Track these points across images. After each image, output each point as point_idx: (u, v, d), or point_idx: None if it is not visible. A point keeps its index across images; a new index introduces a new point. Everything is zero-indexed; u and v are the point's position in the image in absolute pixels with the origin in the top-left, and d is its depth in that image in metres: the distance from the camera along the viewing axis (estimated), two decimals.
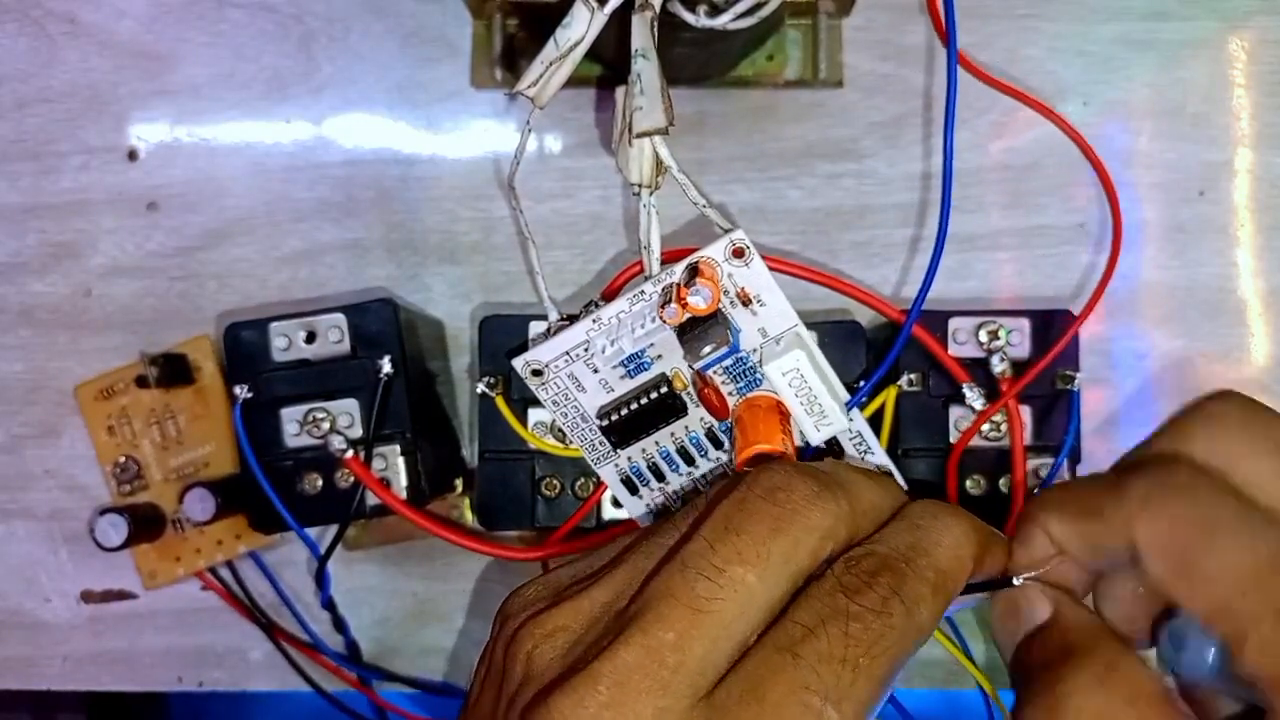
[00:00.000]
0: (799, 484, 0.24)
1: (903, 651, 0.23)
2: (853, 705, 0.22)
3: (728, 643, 0.22)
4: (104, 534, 0.36)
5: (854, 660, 0.22)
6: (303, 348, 0.35)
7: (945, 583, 0.24)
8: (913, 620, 0.23)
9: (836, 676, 0.22)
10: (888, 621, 0.23)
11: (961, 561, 0.25)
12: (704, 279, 0.28)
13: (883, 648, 0.22)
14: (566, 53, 0.28)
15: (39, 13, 0.41)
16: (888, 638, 0.23)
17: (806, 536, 0.23)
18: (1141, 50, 0.40)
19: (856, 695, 0.22)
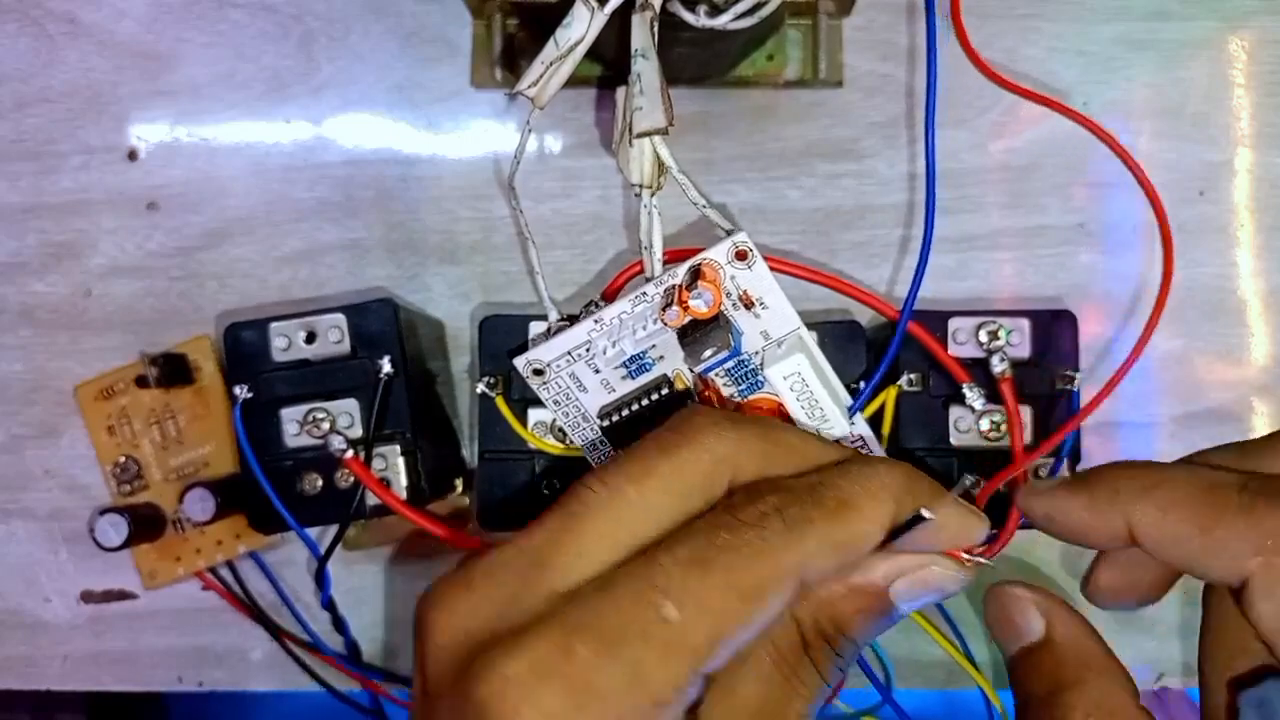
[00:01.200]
0: (701, 414, 0.25)
1: (773, 568, 0.22)
2: (697, 608, 0.21)
3: (597, 547, 0.22)
4: (104, 534, 0.36)
5: (708, 562, 0.21)
6: (303, 348, 0.35)
7: (845, 512, 0.23)
8: (791, 538, 0.22)
9: (684, 576, 0.21)
10: (759, 534, 0.22)
11: (873, 498, 0.23)
12: (706, 282, 0.28)
13: (745, 556, 0.22)
14: (566, 53, 0.28)
15: (39, 13, 0.41)
16: (753, 547, 0.22)
17: (695, 457, 0.23)
18: (1141, 50, 0.40)
19: (704, 599, 0.21)
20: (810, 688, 0.24)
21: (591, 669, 0.20)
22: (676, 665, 0.21)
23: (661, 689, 0.21)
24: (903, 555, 0.25)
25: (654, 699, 0.21)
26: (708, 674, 0.22)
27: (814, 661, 0.24)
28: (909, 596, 0.25)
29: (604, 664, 0.20)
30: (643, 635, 0.21)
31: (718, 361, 0.30)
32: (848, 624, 0.25)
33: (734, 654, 0.22)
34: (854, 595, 0.25)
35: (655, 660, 0.21)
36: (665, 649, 0.21)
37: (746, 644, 0.22)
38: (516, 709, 0.20)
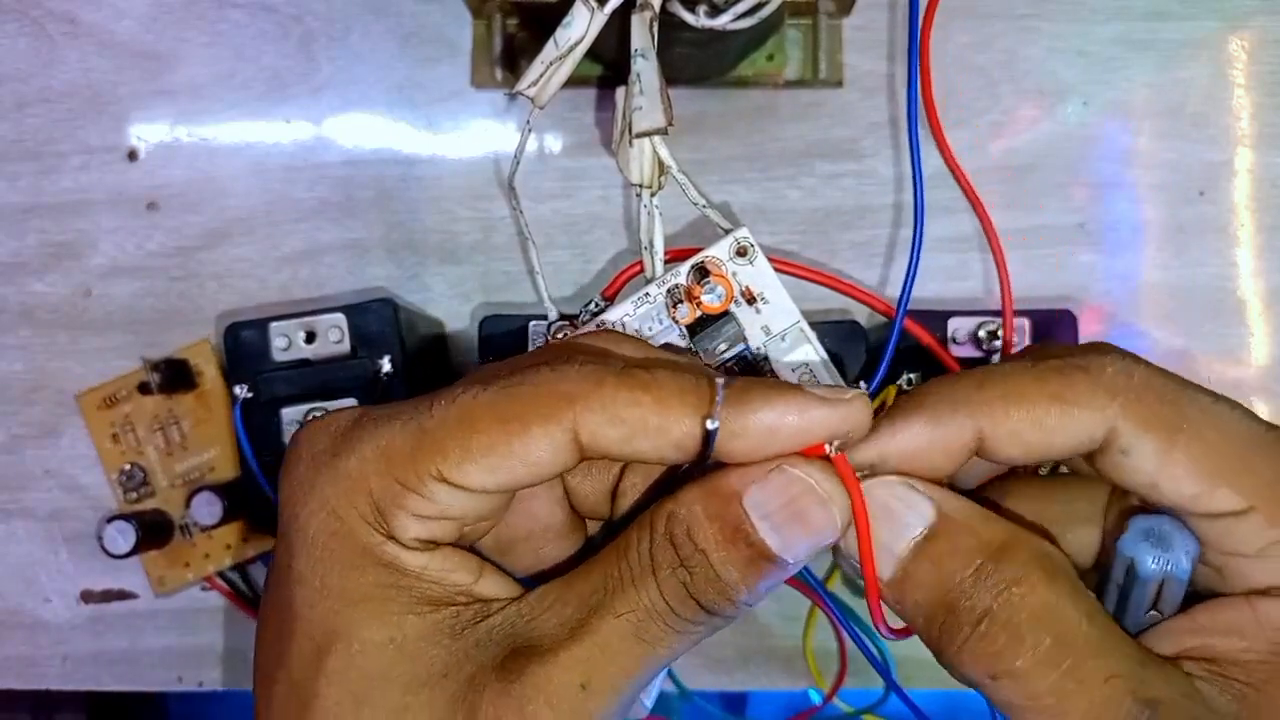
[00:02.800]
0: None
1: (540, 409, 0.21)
2: (460, 411, 0.22)
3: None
4: (112, 541, 0.36)
5: (488, 381, 0.22)
6: (303, 348, 0.35)
7: (638, 394, 0.22)
8: (570, 388, 0.22)
9: (468, 387, 0.22)
10: (548, 373, 0.22)
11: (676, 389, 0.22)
12: (716, 277, 0.28)
13: (521, 388, 0.22)
14: (566, 53, 0.28)
15: (39, 13, 0.41)
16: (532, 382, 0.22)
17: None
18: (1141, 50, 0.40)
19: (470, 407, 0.22)
20: (642, 595, 0.22)
21: (359, 432, 0.23)
22: (423, 455, 0.22)
23: (404, 472, 0.22)
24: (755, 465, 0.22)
25: (398, 476, 0.22)
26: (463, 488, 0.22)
27: (656, 567, 0.22)
28: (763, 513, 0.22)
29: (369, 431, 0.23)
30: (406, 418, 0.22)
31: (733, 355, 0.30)
32: (698, 529, 0.22)
33: (493, 486, 0.22)
34: (707, 498, 0.22)
35: (406, 441, 0.22)
36: (417, 436, 0.22)
37: (506, 483, 0.22)
38: (298, 448, 0.24)
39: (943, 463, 0.23)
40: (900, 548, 0.22)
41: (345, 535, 0.22)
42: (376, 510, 0.22)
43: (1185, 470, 0.21)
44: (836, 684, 0.39)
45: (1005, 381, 0.23)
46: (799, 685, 0.40)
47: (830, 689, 0.39)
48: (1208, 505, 0.22)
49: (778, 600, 0.40)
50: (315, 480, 0.23)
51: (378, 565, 0.22)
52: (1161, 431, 0.21)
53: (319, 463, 0.23)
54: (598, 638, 0.22)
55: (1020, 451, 0.22)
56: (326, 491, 0.23)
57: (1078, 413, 0.22)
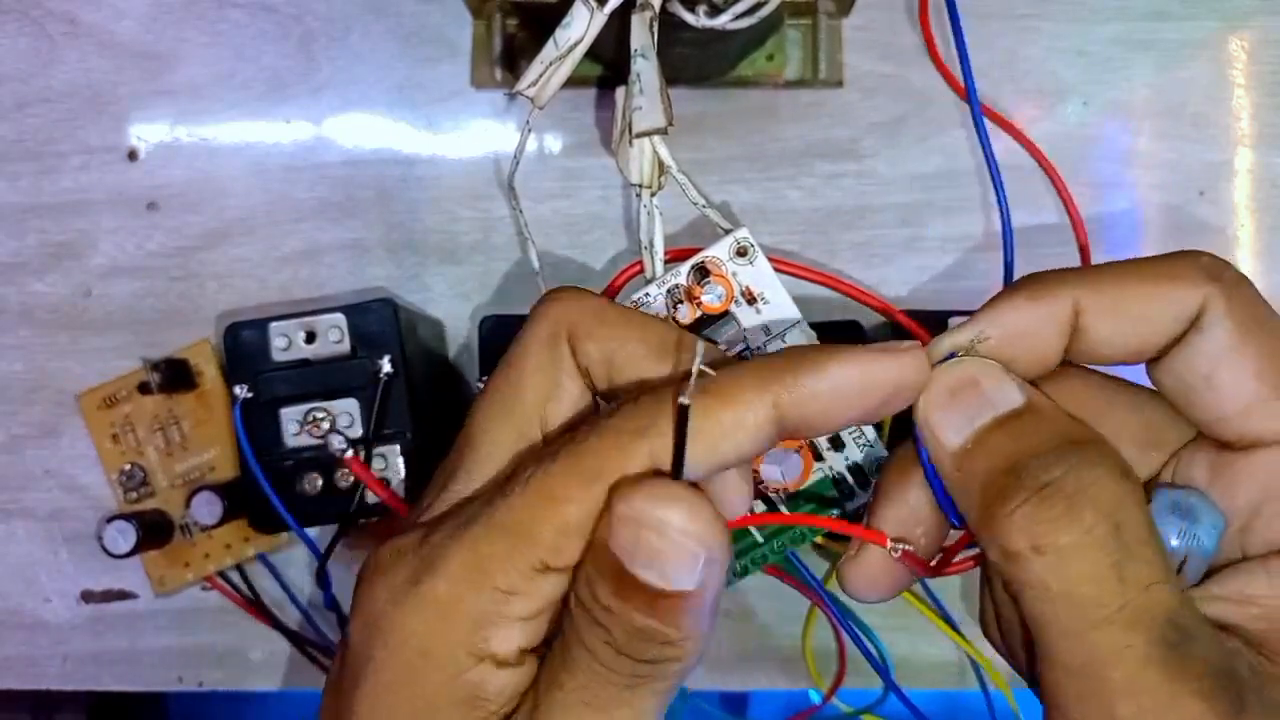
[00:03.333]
0: (550, 291, 0.25)
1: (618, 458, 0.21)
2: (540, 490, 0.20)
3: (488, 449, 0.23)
4: (113, 541, 0.36)
5: (556, 452, 0.21)
6: (303, 348, 0.35)
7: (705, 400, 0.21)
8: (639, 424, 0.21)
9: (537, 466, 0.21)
10: (607, 421, 0.21)
11: (740, 381, 0.21)
12: (716, 277, 0.28)
13: (591, 444, 0.21)
14: (566, 53, 0.28)
15: (39, 13, 0.41)
16: (599, 434, 0.21)
17: (535, 327, 0.24)
18: (1141, 50, 0.40)
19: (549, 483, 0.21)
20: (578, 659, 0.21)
21: (439, 550, 0.21)
22: (519, 552, 0.20)
23: (504, 576, 0.20)
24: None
25: (497, 584, 0.20)
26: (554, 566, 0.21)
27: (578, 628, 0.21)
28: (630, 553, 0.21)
29: (451, 546, 0.21)
30: (488, 520, 0.21)
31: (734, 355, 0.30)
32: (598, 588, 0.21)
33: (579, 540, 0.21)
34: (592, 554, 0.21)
35: (498, 546, 0.20)
36: (506, 535, 0.20)
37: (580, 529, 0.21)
38: (370, 584, 0.22)
39: (1041, 344, 0.22)
40: (980, 421, 0.22)
41: (430, 674, 0.21)
42: (477, 631, 0.20)
43: (1252, 366, 0.21)
44: (835, 684, 0.39)
45: (1105, 265, 0.23)
46: (798, 685, 0.40)
47: (829, 689, 0.39)
48: (1258, 420, 0.21)
49: (777, 600, 0.40)
50: (396, 615, 0.21)
51: (457, 704, 0.21)
52: (1243, 320, 0.21)
53: (399, 596, 0.21)
54: (551, 715, 0.21)
55: (1116, 331, 0.22)
56: (412, 625, 0.21)
57: (1177, 286, 0.22)
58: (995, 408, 0.22)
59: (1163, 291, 0.22)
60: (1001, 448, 0.21)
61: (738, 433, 0.21)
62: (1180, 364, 0.22)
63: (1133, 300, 0.22)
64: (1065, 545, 0.20)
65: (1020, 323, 0.22)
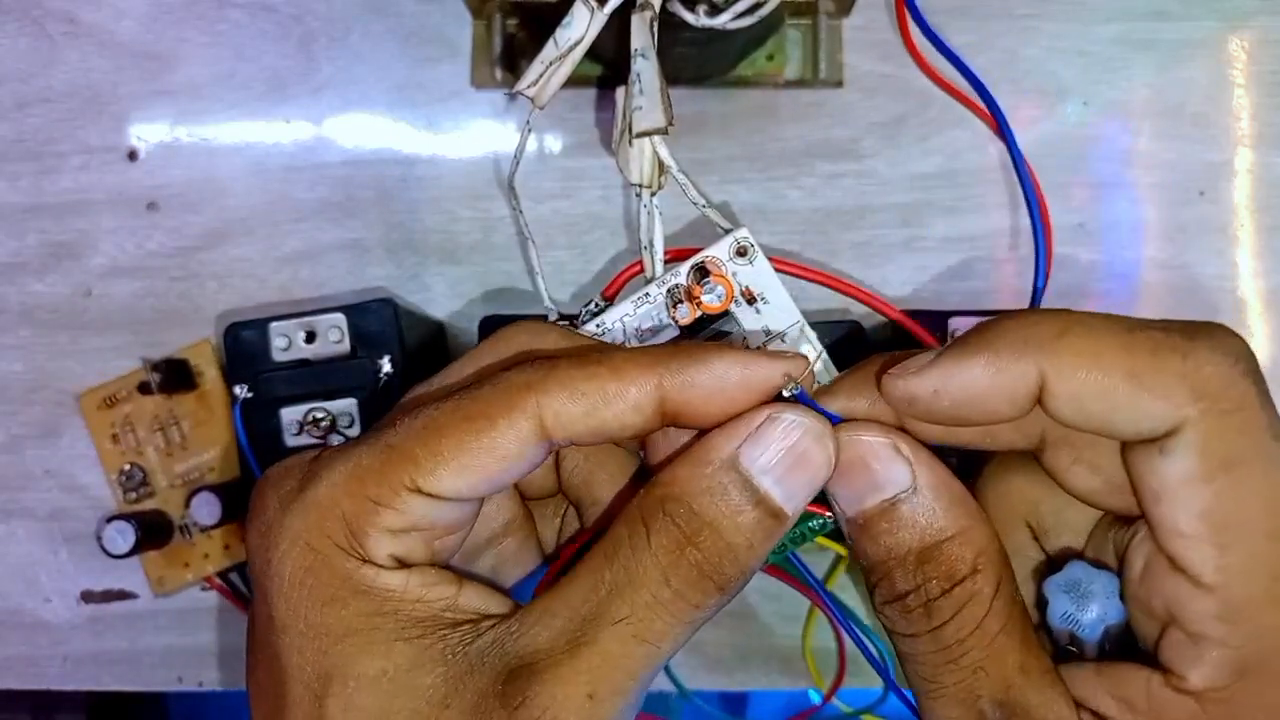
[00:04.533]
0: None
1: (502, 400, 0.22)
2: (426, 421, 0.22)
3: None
4: (112, 541, 0.36)
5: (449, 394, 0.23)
6: (303, 348, 0.35)
7: (594, 368, 0.22)
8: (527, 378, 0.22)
9: (430, 403, 0.23)
10: (504, 374, 0.23)
11: (633, 358, 0.22)
12: (716, 277, 0.28)
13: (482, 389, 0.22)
14: (566, 53, 0.28)
15: (39, 13, 0.41)
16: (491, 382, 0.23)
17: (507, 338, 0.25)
18: (1141, 50, 0.40)
19: (436, 416, 0.22)
20: (641, 591, 0.22)
21: (325, 463, 0.23)
22: (395, 468, 0.22)
23: (378, 488, 0.22)
24: (737, 421, 0.22)
25: (370, 494, 0.22)
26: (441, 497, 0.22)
27: (656, 558, 0.22)
28: (767, 467, 0.22)
29: (336, 459, 0.23)
30: (373, 439, 0.23)
31: None
32: (704, 510, 0.22)
33: (469, 485, 0.22)
34: (696, 471, 0.22)
35: (376, 459, 0.22)
36: (387, 451, 0.22)
37: (484, 479, 0.22)
38: (261, 493, 0.24)
39: (1002, 409, 0.21)
40: (869, 503, 0.22)
41: (321, 568, 0.22)
42: (350, 533, 0.22)
43: (1200, 505, 0.20)
44: (835, 684, 0.39)
45: (1089, 337, 0.20)
46: (798, 685, 0.40)
47: (829, 689, 0.39)
48: (1185, 550, 0.20)
49: (777, 600, 0.40)
50: (283, 519, 0.22)
51: (358, 594, 0.22)
52: (1214, 460, 0.20)
53: (286, 501, 0.23)
54: (597, 647, 0.21)
55: (1078, 419, 0.21)
56: (296, 526, 0.22)
57: (1150, 401, 0.20)
58: (882, 491, 0.22)
59: (1135, 404, 0.20)
60: (881, 538, 0.22)
61: (619, 403, 0.22)
62: (1138, 461, 0.21)
63: (1099, 402, 0.20)
64: (917, 645, 0.22)
65: (979, 389, 0.21)
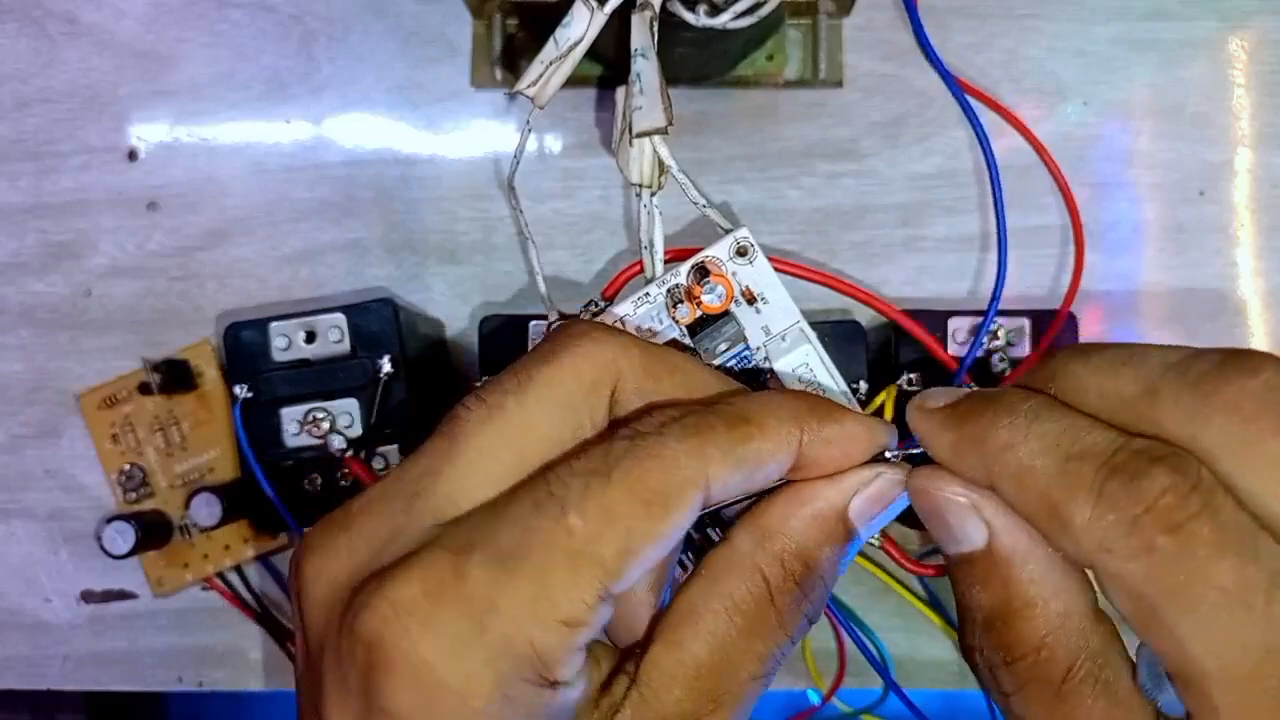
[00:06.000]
0: (580, 323, 0.23)
1: (678, 476, 0.20)
2: (602, 517, 0.19)
3: (481, 467, 0.21)
4: (111, 542, 0.36)
5: (604, 471, 0.20)
6: (303, 348, 0.35)
7: (745, 426, 0.22)
8: (692, 444, 0.21)
9: (584, 486, 0.20)
10: (659, 441, 0.21)
11: (774, 416, 0.22)
12: (716, 277, 0.28)
13: (646, 462, 0.20)
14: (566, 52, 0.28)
15: (39, 13, 0.41)
16: (654, 454, 0.20)
17: (574, 362, 0.22)
18: (1141, 50, 0.40)
19: (607, 504, 0.20)
20: (769, 642, 0.22)
21: (491, 587, 0.19)
22: (585, 579, 0.19)
23: (571, 606, 0.19)
24: (849, 474, 0.23)
25: (563, 616, 0.19)
26: (616, 594, 0.20)
27: (778, 610, 0.22)
28: (867, 515, 0.23)
29: (505, 580, 0.19)
30: (545, 547, 0.19)
31: (733, 355, 0.30)
32: (815, 558, 0.23)
33: (642, 571, 0.20)
34: (816, 525, 0.23)
35: (561, 574, 0.19)
36: (571, 561, 0.19)
37: (655, 561, 0.20)
38: (411, 636, 0.19)
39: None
40: (949, 551, 0.22)
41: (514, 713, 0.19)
42: (544, 664, 0.19)
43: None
44: (835, 684, 0.39)
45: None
46: (798, 685, 0.40)
47: (829, 689, 0.39)
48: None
49: None
50: (459, 666, 0.19)
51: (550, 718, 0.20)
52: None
53: (462, 647, 0.19)
54: (740, 706, 0.21)
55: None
56: (482, 677, 0.19)
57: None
58: (959, 545, 0.22)
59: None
60: (958, 584, 0.22)
61: (771, 466, 0.22)
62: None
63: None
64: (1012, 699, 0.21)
65: (940, 458, 0.22)
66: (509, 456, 0.21)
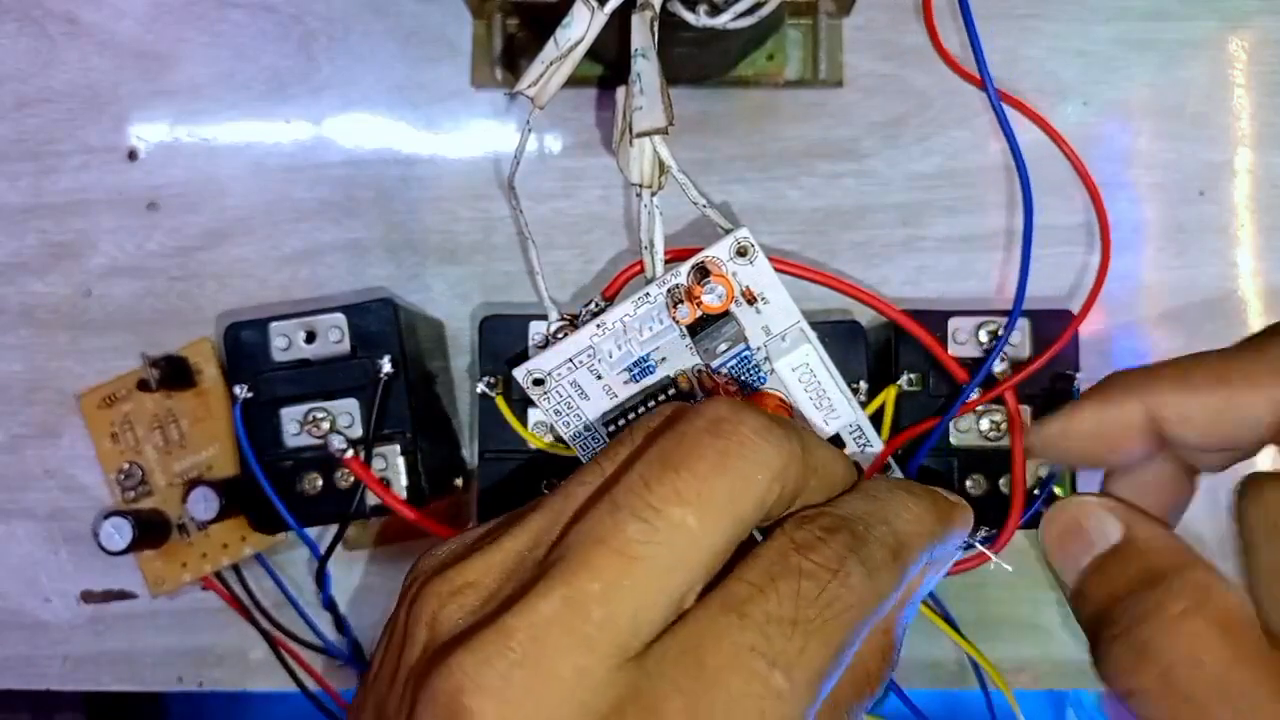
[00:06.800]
0: (747, 416, 0.22)
1: (860, 618, 0.21)
2: (804, 673, 0.20)
3: (662, 596, 0.20)
4: (108, 537, 0.36)
5: (806, 623, 0.20)
6: (303, 348, 0.35)
7: (904, 552, 0.23)
8: (872, 585, 0.21)
9: (786, 640, 0.19)
10: (845, 583, 0.21)
11: (923, 531, 0.23)
12: (717, 277, 0.28)
13: (837, 611, 0.20)
14: (566, 52, 0.28)
15: (39, 13, 0.41)
16: (843, 600, 0.20)
17: (755, 474, 0.21)
18: (1141, 50, 0.41)
19: (808, 662, 0.20)
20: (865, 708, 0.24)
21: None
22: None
23: None
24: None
25: None
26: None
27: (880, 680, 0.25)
28: (928, 585, 0.26)
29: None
30: (759, 714, 0.19)
31: (734, 355, 0.30)
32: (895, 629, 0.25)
33: None
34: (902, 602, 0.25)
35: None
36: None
37: None
38: None
39: (1122, 444, 0.23)
40: (1084, 562, 0.22)
41: None
42: None
43: None
44: None
45: (1176, 364, 0.22)
46: None
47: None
48: None
49: None
50: None
51: None
52: None
53: None
54: None
55: (1196, 437, 0.22)
56: None
57: (1240, 394, 0.21)
58: (1094, 548, 0.22)
59: (1229, 403, 0.21)
60: (1096, 591, 0.22)
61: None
62: None
63: (1202, 413, 0.21)
64: (1140, 689, 0.20)
65: (1090, 426, 0.23)
66: (684, 583, 0.20)
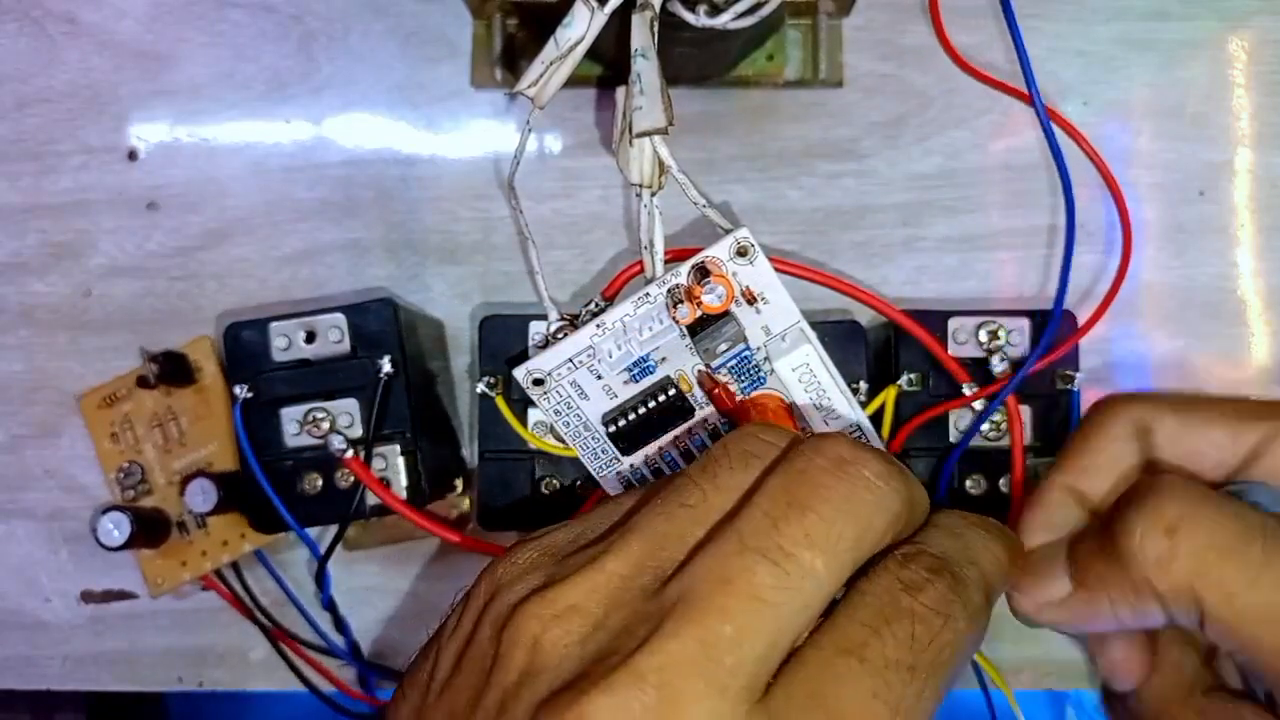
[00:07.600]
0: (869, 459, 0.21)
1: (963, 663, 0.21)
2: (921, 718, 0.20)
3: (786, 639, 0.20)
4: (106, 533, 0.36)
5: (921, 667, 0.20)
6: (303, 348, 0.35)
7: (992, 595, 0.23)
8: (972, 629, 0.21)
9: (905, 685, 0.20)
10: (953, 626, 0.21)
11: (1004, 573, 0.24)
12: (717, 277, 0.28)
13: (946, 657, 0.21)
14: (566, 52, 0.28)
15: (39, 13, 0.41)
16: (952, 645, 0.21)
17: (876, 519, 0.21)
18: (1141, 50, 0.40)
19: (925, 707, 0.20)
20: None
21: None
22: None
23: None
24: None
25: None
26: None
27: None
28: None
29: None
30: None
31: (733, 355, 0.30)
32: None
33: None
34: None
35: None
36: None
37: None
38: None
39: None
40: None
41: None
42: None
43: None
44: None
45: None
46: None
47: None
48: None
49: None
50: None
51: None
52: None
53: None
54: None
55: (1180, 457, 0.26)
56: None
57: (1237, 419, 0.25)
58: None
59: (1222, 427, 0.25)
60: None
61: None
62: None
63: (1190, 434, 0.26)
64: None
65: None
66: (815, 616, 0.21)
